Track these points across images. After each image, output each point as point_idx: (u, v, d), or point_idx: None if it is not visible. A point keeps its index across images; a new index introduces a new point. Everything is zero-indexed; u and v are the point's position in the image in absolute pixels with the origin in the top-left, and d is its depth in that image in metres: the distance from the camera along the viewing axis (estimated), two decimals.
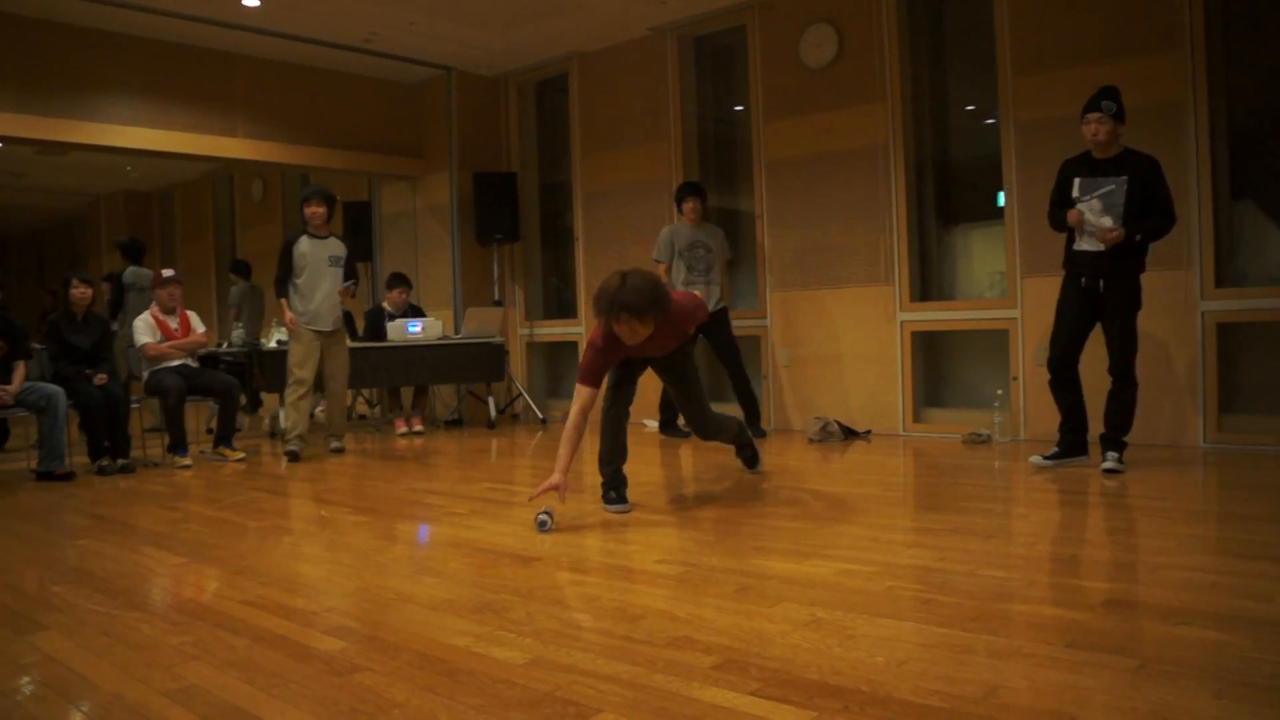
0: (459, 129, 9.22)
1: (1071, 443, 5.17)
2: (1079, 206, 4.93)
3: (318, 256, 6.75)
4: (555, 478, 4.08)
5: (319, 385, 7.11)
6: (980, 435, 6.32)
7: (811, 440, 6.64)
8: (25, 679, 2.42)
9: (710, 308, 7.11)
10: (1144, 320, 5.82)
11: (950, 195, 7.14)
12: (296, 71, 8.67)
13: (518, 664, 2.38)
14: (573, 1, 7.49)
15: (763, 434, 7.18)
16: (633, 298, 3.98)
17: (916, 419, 6.89)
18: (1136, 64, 5.85)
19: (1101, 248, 4.88)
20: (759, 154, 7.64)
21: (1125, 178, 4.83)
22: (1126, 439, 5.03)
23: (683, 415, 4.93)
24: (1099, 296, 4.96)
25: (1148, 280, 5.36)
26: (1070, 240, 5.07)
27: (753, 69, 7.66)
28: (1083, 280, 4.98)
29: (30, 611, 3.01)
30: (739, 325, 7.82)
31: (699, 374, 4.81)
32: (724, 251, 7.26)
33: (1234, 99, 5.80)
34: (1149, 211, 4.84)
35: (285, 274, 6.73)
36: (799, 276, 7.40)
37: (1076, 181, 4.97)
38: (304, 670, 2.39)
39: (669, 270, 7.17)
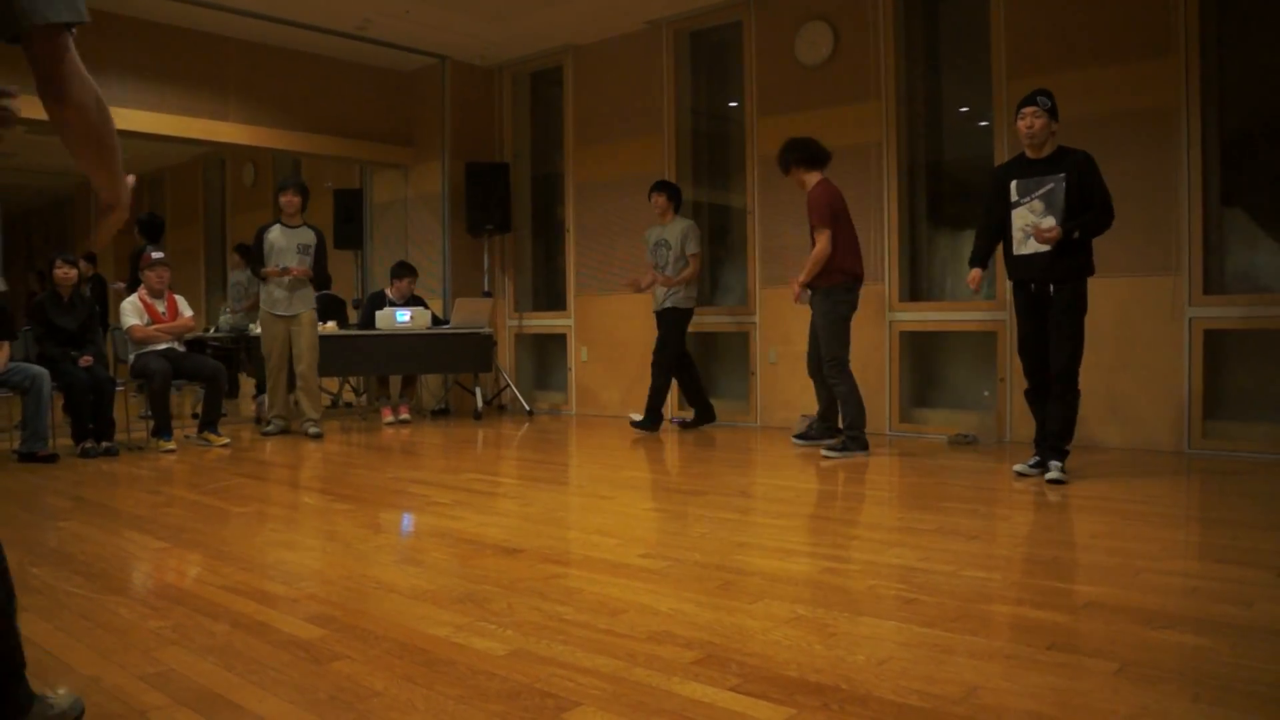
0: (452, 118, 9.19)
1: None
2: (1019, 209, 4.85)
3: (287, 245, 7.20)
4: None
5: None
6: (966, 437, 6.33)
7: (797, 438, 6.64)
8: None
9: (655, 306, 7.25)
10: (1132, 325, 5.86)
11: (942, 196, 7.14)
12: (290, 56, 8.63)
13: (498, 655, 2.37)
14: None
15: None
16: None
17: (903, 419, 6.90)
18: (1130, 69, 5.86)
19: (1044, 249, 4.75)
20: (752, 150, 7.63)
21: (1063, 174, 4.74)
22: (1068, 447, 4.89)
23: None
24: (1047, 300, 4.84)
25: (1135, 285, 5.38)
26: (1008, 247, 4.95)
27: (748, 65, 7.65)
28: (1031, 286, 4.87)
29: None
30: (726, 321, 7.83)
31: None
32: (687, 248, 7.15)
33: (1226, 105, 5.81)
34: (1088, 208, 4.73)
35: (255, 261, 7.29)
36: (789, 273, 7.39)
37: (1014, 184, 4.89)
38: (283, 657, 2.38)
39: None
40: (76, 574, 3.23)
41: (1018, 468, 5.04)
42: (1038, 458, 4.98)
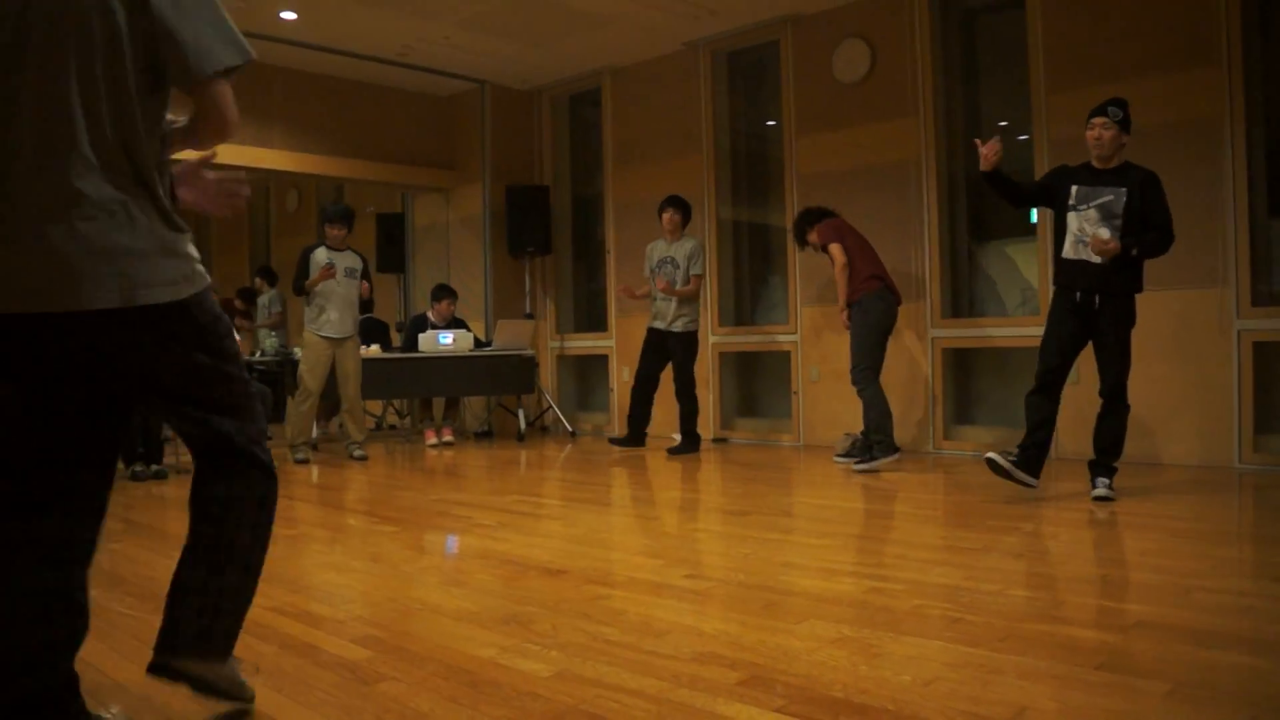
0: (492, 142, 9.28)
1: (1029, 459, 4.83)
2: (1073, 215, 4.75)
3: (334, 267, 7.13)
4: None
5: (329, 393, 7.41)
6: (1010, 454, 6.26)
7: (839, 457, 6.61)
8: None
9: (661, 325, 7.18)
10: (1180, 339, 5.78)
11: (983, 211, 7.10)
12: (332, 84, 8.76)
13: (543, 676, 2.38)
14: (607, 17, 7.52)
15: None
16: None
17: (947, 436, 6.85)
18: (1172, 79, 5.80)
19: (1096, 259, 4.67)
20: (791, 168, 7.64)
21: (1125, 189, 4.66)
22: (1117, 464, 4.80)
23: None
24: (1093, 313, 4.73)
25: (1183, 298, 5.30)
26: (1059, 249, 4.84)
27: (785, 84, 7.67)
28: (1077, 295, 4.74)
29: None
30: (768, 339, 7.82)
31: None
32: (692, 268, 7.13)
33: (1271, 114, 5.74)
34: (1147, 227, 4.65)
35: (300, 276, 7.10)
36: (830, 291, 7.37)
37: (1074, 189, 4.78)
38: (330, 678, 2.40)
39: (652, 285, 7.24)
40: (128, 595, 3.28)
41: (990, 454, 4.83)
42: (1014, 459, 4.81)
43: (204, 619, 2.03)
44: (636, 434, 7.31)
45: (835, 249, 6.15)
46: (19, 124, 1.78)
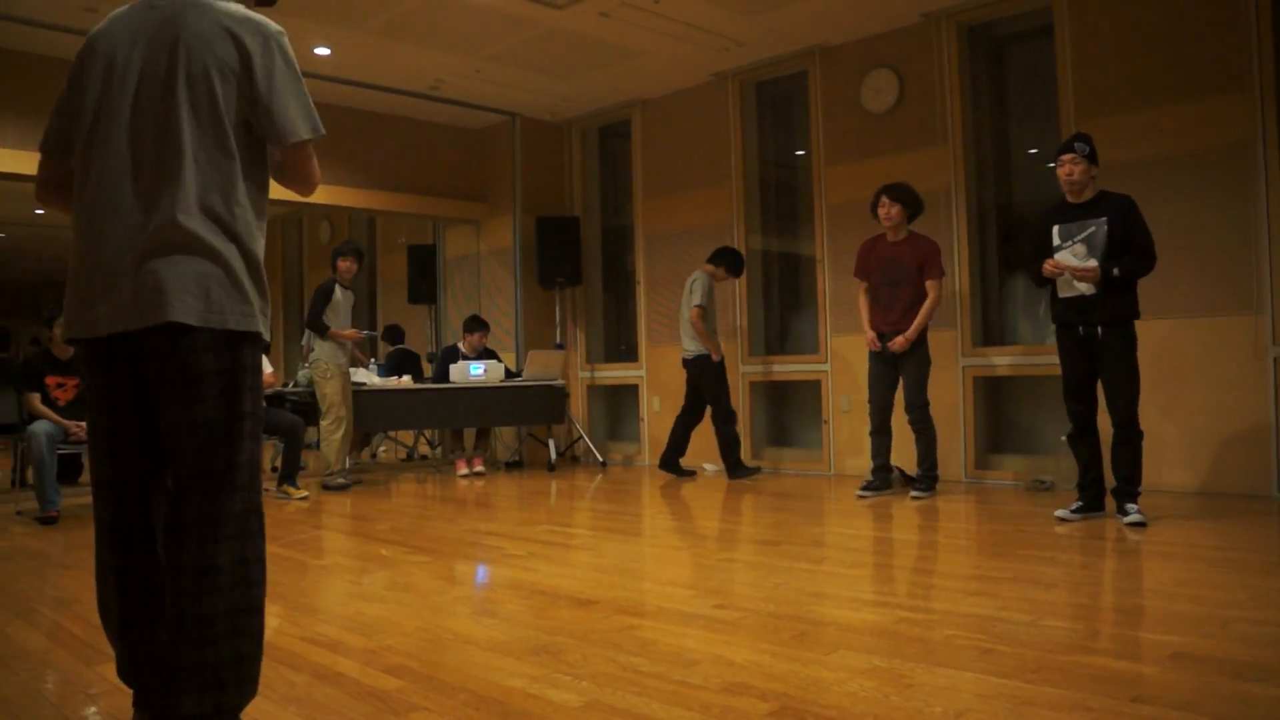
0: (523, 173, 9.36)
1: (1093, 496, 5.01)
2: (1061, 253, 4.89)
3: (346, 306, 7.50)
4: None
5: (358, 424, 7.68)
6: (1043, 482, 6.22)
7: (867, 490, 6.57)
8: (93, 709, 2.48)
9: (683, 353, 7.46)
10: (1214, 366, 5.73)
11: (1013, 239, 7.07)
12: (365, 118, 8.88)
13: (573, 707, 2.38)
14: (637, 49, 7.59)
15: (748, 471, 7.42)
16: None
17: (978, 465, 6.80)
18: (1203, 105, 5.78)
19: (1088, 291, 4.81)
20: (820, 198, 7.65)
21: (1104, 219, 4.80)
22: (1140, 489, 4.88)
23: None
24: (1096, 346, 4.86)
25: (1216, 326, 5.26)
26: (1053, 293, 5.00)
27: (814, 114, 7.69)
28: (1079, 330, 4.90)
29: (99, 643, 3.07)
30: (798, 369, 7.81)
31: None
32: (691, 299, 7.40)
33: None
34: (1129, 251, 4.78)
35: (319, 313, 7.34)
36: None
37: (1056, 229, 4.94)
38: (362, 708, 2.41)
39: (703, 316, 7.32)
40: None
41: (1059, 513, 5.04)
42: (1080, 503, 5.01)
43: None
44: (670, 462, 7.57)
45: (940, 286, 6.15)
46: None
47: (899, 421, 6.16)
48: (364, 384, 7.96)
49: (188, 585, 2.00)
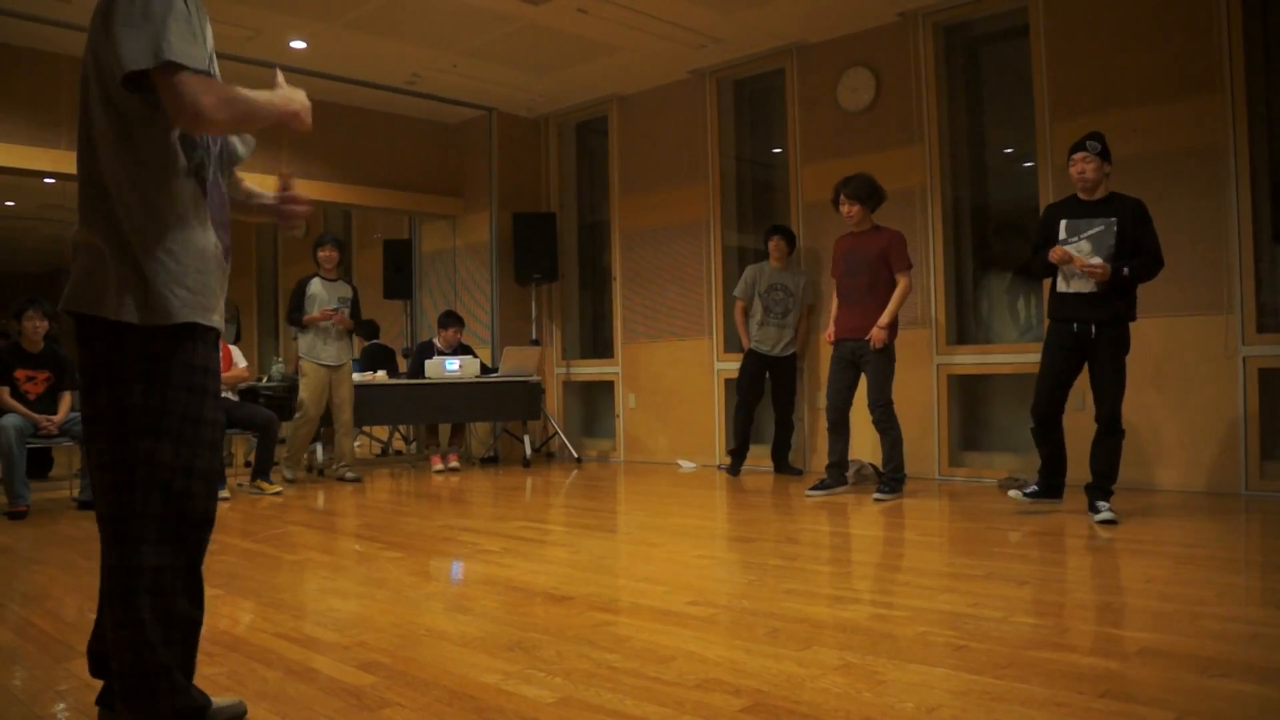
0: (499, 169, 9.33)
1: (1051, 486, 5.08)
2: (1066, 248, 4.87)
3: (328, 297, 7.39)
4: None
5: (326, 419, 7.64)
6: (1017, 480, 6.26)
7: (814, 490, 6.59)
8: (61, 705, 2.46)
9: (776, 352, 7.25)
10: (1185, 365, 5.78)
11: (988, 238, 7.12)
12: (341, 111, 8.83)
13: (547, 703, 2.38)
14: (614, 45, 7.58)
15: (798, 472, 7.32)
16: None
17: (952, 463, 6.84)
18: (1175, 107, 5.84)
19: (1092, 288, 4.81)
20: (797, 196, 7.67)
21: (1114, 219, 4.78)
22: (1114, 488, 4.93)
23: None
24: (1089, 342, 4.87)
25: (1187, 325, 5.31)
26: (1054, 284, 4.99)
27: (790, 112, 7.71)
28: (1074, 326, 4.89)
29: (69, 639, 3.05)
30: None
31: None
32: (806, 296, 7.35)
33: (1275, 140, 5.76)
34: (1138, 254, 4.78)
35: (295, 309, 7.38)
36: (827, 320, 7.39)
37: (1063, 223, 4.92)
38: (334, 704, 2.40)
39: (747, 309, 7.31)
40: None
41: (1011, 492, 5.18)
42: (1036, 486, 5.11)
43: None
44: (742, 453, 7.42)
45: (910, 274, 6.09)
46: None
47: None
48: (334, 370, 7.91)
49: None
